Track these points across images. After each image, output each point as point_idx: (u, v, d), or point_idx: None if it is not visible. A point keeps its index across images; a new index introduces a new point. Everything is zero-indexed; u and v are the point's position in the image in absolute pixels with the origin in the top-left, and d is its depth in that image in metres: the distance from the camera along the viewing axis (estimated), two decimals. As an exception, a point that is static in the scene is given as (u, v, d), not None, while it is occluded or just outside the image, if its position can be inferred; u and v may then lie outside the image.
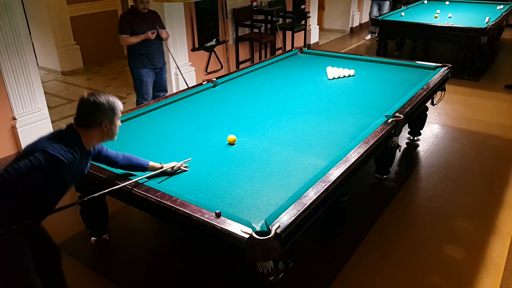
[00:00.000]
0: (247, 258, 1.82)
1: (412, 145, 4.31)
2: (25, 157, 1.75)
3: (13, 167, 1.72)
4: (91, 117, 1.86)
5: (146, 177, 2.26)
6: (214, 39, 5.96)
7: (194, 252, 2.92)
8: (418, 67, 4.25)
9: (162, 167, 2.35)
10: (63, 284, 2.28)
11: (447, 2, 8.18)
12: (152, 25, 4.27)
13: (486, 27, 5.93)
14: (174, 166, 2.38)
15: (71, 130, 1.89)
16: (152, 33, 4.18)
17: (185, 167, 2.44)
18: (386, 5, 8.26)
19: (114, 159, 2.21)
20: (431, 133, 4.53)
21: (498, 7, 7.43)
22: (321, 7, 9.49)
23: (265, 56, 6.90)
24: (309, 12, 7.70)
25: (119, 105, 1.95)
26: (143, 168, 2.30)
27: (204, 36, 5.78)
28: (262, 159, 2.56)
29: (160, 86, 4.56)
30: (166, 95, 4.30)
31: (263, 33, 6.71)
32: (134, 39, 4.15)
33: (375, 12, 8.26)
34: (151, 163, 2.33)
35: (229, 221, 1.89)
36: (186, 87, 4.16)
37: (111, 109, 1.89)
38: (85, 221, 2.92)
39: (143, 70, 4.31)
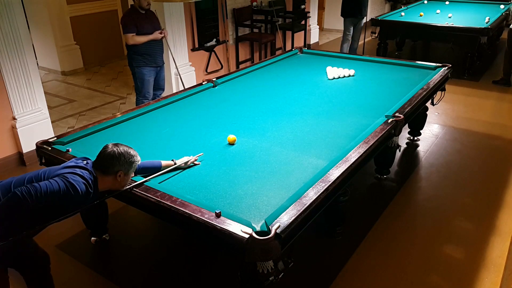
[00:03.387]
0: (247, 258, 1.82)
1: (412, 145, 4.31)
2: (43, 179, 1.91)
3: (33, 187, 1.79)
4: (110, 166, 2.04)
5: (159, 174, 2.32)
6: (214, 39, 5.96)
7: (194, 252, 2.92)
8: (418, 67, 4.25)
9: (175, 164, 2.39)
10: None
11: (447, 2, 8.18)
12: (154, 24, 4.33)
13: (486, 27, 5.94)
14: (187, 161, 2.43)
15: (91, 171, 2.04)
16: (160, 33, 4.31)
17: (196, 161, 2.49)
18: (362, 23, 6.83)
19: None
20: (431, 133, 4.53)
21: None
22: (321, 7, 9.49)
23: (265, 56, 6.90)
24: (309, 12, 7.69)
25: (138, 159, 2.13)
26: (157, 169, 2.34)
27: (204, 36, 5.78)
28: (262, 159, 2.56)
29: (158, 85, 4.58)
30: (165, 95, 4.31)
31: (263, 33, 6.70)
32: (142, 39, 4.17)
33: (350, 33, 6.81)
34: (163, 163, 2.37)
35: (229, 221, 1.89)
36: (183, 88, 4.16)
37: (129, 162, 2.08)
38: (85, 221, 2.93)
39: (145, 69, 4.33)
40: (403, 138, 4.35)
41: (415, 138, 4.36)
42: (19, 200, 1.75)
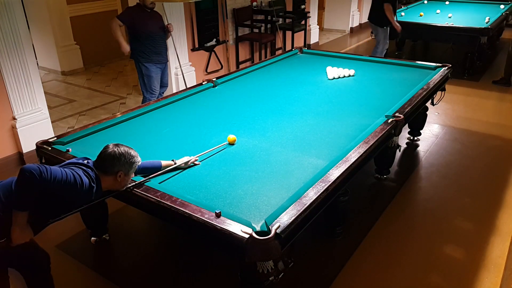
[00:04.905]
0: (247, 258, 1.81)
1: (412, 145, 4.31)
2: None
3: (42, 166, 1.83)
4: (110, 166, 2.05)
5: (159, 174, 2.32)
6: (214, 39, 5.96)
7: (194, 252, 2.91)
8: (418, 67, 4.25)
9: (175, 164, 2.39)
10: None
11: (447, 2, 8.18)
12: (159, 22, 4.38)
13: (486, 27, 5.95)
14: (187, 161, 2.43)
15: (92, 168, 2.04)
16: (167, 26, 4.43)
17: (197, 161, 2.50)
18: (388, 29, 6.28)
19: None
20: (431, 133, 4.53)
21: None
22: (321, 7, 9.49)
23: (265, 56, 6.90)
24: (309, 12, 7.70)
25: (138, 160, 2.13)
26: (157, 169, 2.34)
27: (204, 36, 5.78)
28: (262, 159, 2.56)
29: (162, 82, 4.62)
30: (167, 94, 4.32)
31: (263, 33, 6.70)
32: (118, 35, 4.25)
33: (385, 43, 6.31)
34: (163, 163, 2.37)
35: (229, 221, 1.89)
36: (185, 87, 4.18)
37: (130, 163, 2.08)
38: (85, 221, 2.93)
39: (151, 66, 4.39)
40: (403, 138, 4.35)
41: (415, 138, 4.36)
42: (27, 175, 1.77)
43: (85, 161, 2.07)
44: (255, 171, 2.42)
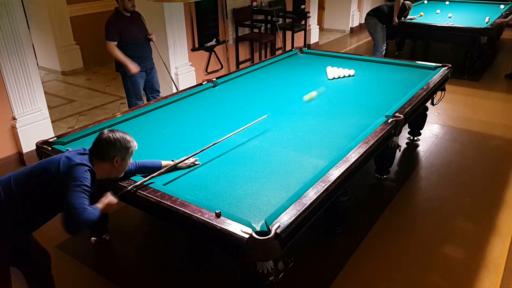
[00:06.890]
0: (247, 258, 1.82)
1: (412, 145, 4.30)
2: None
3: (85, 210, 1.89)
4: (106, 151, 2.04)
5: (159, 174, 2.32)
6: (214, 39, 5.96)
7: (194, 252, 2.91)
8: (418, 67, 4.25)
9: (175, 164, 2.40)
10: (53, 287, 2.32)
11: (447, 2, 8.18)
12: (141, 27, 4.23)
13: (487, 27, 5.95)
14: (187, 161, 2.44)
15: (89, 158, 2.03)
16: (149, 37, 4.27)
17: (195, 161, 2.50)
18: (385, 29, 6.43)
19: (129, 171, 2.27)
20: (431, 133, 4.53)
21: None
22: (321, 7, 9.49)
23: (265, 56, 6.90)
24: (309, 12, 7.70)
25: (134, 144, 2.13)
26: (157, 169, 2.35)
27: (204, 36, 5.78)
28: (262, 159, 2.56)
29: (152, 88, 4.47)
30: (165, 95, 4.29)
31: (263, 33, 6.70)
32: (121, 56, 4.10)
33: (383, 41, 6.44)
34: (163, 163, 2.38)
35: (229, 221, 1.89)
36: (176, 90, 4.11)
37: (126, 148, 2.07)
38: (85, 221, 2.92)
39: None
40: (403, 138, 4.35)
41: (415, 138, 4.35)
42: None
43: (82, 150, 2.09)
44: (255, 171, 2.42)
